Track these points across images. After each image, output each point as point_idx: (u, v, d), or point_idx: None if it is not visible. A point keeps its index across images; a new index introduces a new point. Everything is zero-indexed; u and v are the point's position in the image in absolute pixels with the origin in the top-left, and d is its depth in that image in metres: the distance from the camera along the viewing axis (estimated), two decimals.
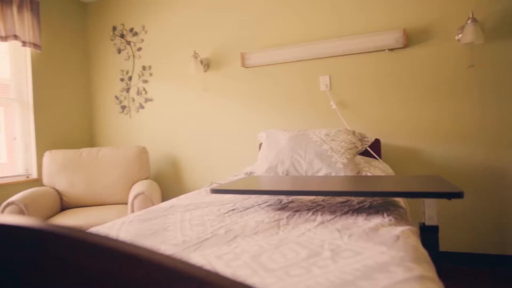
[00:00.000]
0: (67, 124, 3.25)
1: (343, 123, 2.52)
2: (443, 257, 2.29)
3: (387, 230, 0.92)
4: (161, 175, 3.21)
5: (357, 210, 1.16)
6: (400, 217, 1.07)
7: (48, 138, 3.06)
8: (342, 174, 1.78)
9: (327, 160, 1.83)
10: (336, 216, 1.09)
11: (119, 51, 3.37)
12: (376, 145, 2.34)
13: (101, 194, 2.75)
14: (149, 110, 3.26)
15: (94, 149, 2.90)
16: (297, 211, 1.19)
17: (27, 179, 2.88)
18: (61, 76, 3.22)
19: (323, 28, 2.60)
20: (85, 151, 2.88)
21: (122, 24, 3.35)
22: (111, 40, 3.40)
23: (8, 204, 2.19)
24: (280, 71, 2.74)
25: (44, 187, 2.67)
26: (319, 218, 1.09)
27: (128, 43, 3.33)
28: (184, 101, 3.11)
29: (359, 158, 2.13)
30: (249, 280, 0.66)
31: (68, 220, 2.35)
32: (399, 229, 0.92)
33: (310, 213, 1.15)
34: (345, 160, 1.81)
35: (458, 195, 0.98)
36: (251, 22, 2.82)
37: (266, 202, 1.36)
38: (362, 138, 2.04)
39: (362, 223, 1.01)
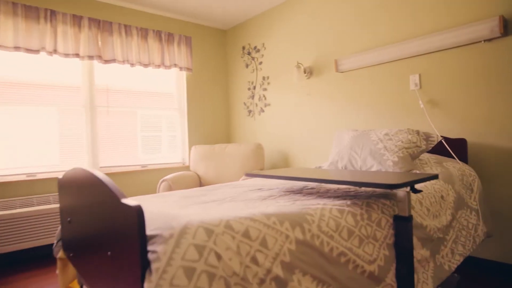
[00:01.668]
0: (210, 125, 4.27)
1: (428, 122, 2.45)
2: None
3: (321, 205, 1.18)
4: (274, 168, 3.79)
5: (339, 196, 1.39)
6: (362, 203, 1.26)
7: (196, 136, 4.13)
8: (391, 170, 1.89)
9: (378, 157, 1.97)
10: (313, 198, 1.37)
11: (247, 65, 4.15)
12: (461, 145, 2.20)
13: (225, 179, 3.56)
14: (268, 113, 3.90)
15: (223, 145, 3.75)
16: (292, 192, 1.51)
17: (182, 165, 4.01)
18: (206, 90, 4.26)
19: (410, 26, 2.57)
20: (217, 146, 3.76)
21: (249, 44, 4.11)
22: (241, 57, 4.22)
23: (163, 181, 3.23)
24: (371, 73, 2.86)
25: (190, 171, 3.69)
26: (298, 196, 1.39)
27: (253, 58, 4.07)
28: (293, 104, 3.59)
29: (430, 157, 2.11)
30: (228, 214, 1.12)
31: None
32: (331, 205, 1.16)
33: (301, 195, 1.45)
34: (396, 158, 1.91)
35: (392, 186, 1.10)
36: (342, 30, 3.03)
37: (284, 186, 1.72)
38: (427, 138, 2.03)
39: (325, 201, 1.27)
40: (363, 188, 1.56)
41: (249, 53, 4.13)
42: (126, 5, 3.60)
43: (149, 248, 0.82)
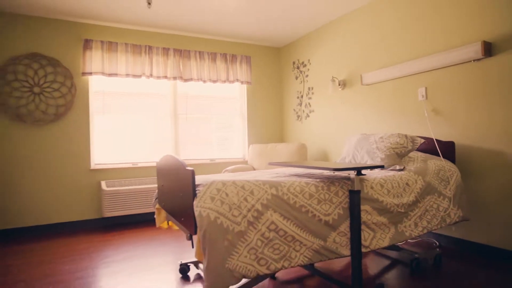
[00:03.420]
0: (265, 128, 5.16)
1: (429, 129, 2.96)
2: None
3: (298, 179, 1.94)
4: None
5: (317, 178, 2.12)
6: (327, 181, 1.98)
7: (254, 136, 5.06)
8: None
9: (372, 155, 2.63)
10: (298, 177, 2.13)
11: (296, 77, 4.94)
12: (450, 147, 2.71)
13: None
14: (312, 118, 4.64)
15: (274, 144, 4.60)
16: (292, 175, 2.28)
17: (242, 160, 4.97)
18: (263, 98, 5.16)
19: (419, 47, 3.10)
20: (269, 145, 4.63)
21: (298, 59, 4.89)
22: (292, 71, 5.03)
23: (225, 171, 4.20)
24: (388, 86, 3.43)
25: (247, 165, 4.62)
26: (296, 178, 2.17)
27: (301, 72, 4.84)
28: (330, 111, 4.28)
29: (420, 155, 2.66)
30: (238, 178, 1.97)
31: None
32: (304, 180, 1.92)
33: (294, 176, 2.22)
34: (383, 156, 2.55)
35: (335, 170, 1.81)
36: (367, 50, 3.63)
37: (293, 172, 2.48)
38: (413, 140, 2.61)
39: (305, 179, 2.02)
40: (337, 173, 2.26)
41: (298, 67, 4.91)
42: (200, 36, 4.68)
43: (197, 189, 1.71)
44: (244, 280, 2.09)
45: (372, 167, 1.97)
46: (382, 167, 2.03)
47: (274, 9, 3.78)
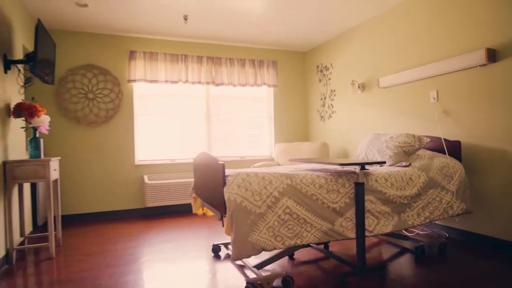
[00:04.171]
0: (291, 127, 5.52)
1: (439, 129, 3.20)
2: None
3: (310, 172, 2.30)
4: None
5: (328, 172, 2.46)
6: (336, 175, 2.32)
7: (280, 135, 5.44)
8: (388, 162, 2.84)
9: (382, 153, 2.93)
10: (312, 171, 2.48)
11: (319, 80, 5.26)
12: (457, 145, 2.95)
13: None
14: (334, 118, 4.95)
15: (298, 143, 4.95)
16: (308, 170, 2.64)
17: (269, 158, 5.37)
18: (288, 100, 5.52)
19: (430, 54, 3.33)
20: (294, 144, 4.99)
21: (321, 63, 5.21)
22: (316, 74, 5.35)
23: (253, 167, 4.62)
24: (402, 89, 3.68)
25: (273, 162, 5.01)
26: (311, 172, 2.53)
27: (324, 75, 5.15)
28: (351, 112, 4.57)
29: (428, 153, 2.92)
30: (260, 171, 2.37)
31: None
32: (316, 173, 2.28)
33: (309, 170, 2.58)
34: (391, 153, 2.85)
35: (342, 165, 2.15)
36: (384, 56, 3.89)
37: (310, 167, 2.84)
38: (420, 140, 2.88)
39: (317, 173, 2.38)
40: (345, 168, 2.60)
41: (321, 71, 5.22)
42: (231, 44, 5.13)
43: (226, 179, 2.13)
44: (266, 256, 2.49)
45: (373, 163, 2.29)
46: (383, 163, 2.35)
47: (299, 17, 4.14)
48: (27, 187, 3.58)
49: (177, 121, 4.89)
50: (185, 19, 4.01)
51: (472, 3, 2.96)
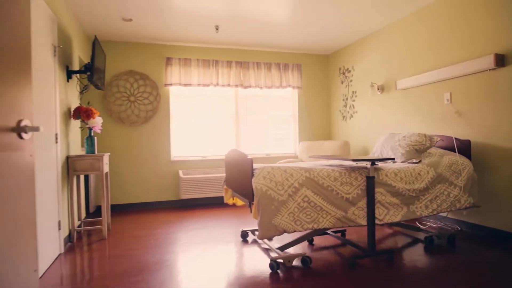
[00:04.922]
0: (314, 127, 5.84)
1: (451, 129, 3.42)
2: None
3: (327, 167, 2.64)
4: None
5: (344, 167, 2.78)
6: (350, 169, 2.64)
7: (304, 134, 5.76)
8: (400, 159, 3.12)
9: (395, 151, 3.21)
10: (328, 166, 2.81)
11: (342, 82, 5.53)
12: (467, 144, 3.17)
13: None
14: (355, 118, 5.21)
15: (321, 141, 5.26)
16: (326, 165, 2.96)
17: (293, 155, 5.72)
18: (312, 100, 5.84)
19: (443, 58, 3.55)
20: (316, 142, 5.29)
21: (343, 66, 5.48)
22: (338, 76, 5.63)
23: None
24: (418, 91, 3.91)
25: (297, 159, 5.35)
26: (328, 167, 2.86)
27: (346, 77, 5.42)
28: (371, 112, 4.82)
29: (439, 151, 3.17)
30: (283, 165, 2.74)
31: None
32: (331, 167, 2.61)
33: (327, 166, 2.90)
34: (403, 151, 3.12)
35: (354, 160, 2.46)
36: (401, 59, 4.12)
37: (328, 163, 3.16)
38: (431, 139, 3.13)
39: (333, 167, 2.71)
40: (358, 164, 2.90)
41: (343, 73, 5.49)
42: (258, 49, 5.51)
43: (254, 172, 2.51)
44: (288, 240, 2.85)
45: (382, 160, 2.60)
46: (392, 159, 2.65)
47: (323, 22, 4.45)
48: (81, 179, 4.13)
49: (208, 121, 5.34)
50: (217, 28, 4.43)
51: (481, 13, 3.17)
